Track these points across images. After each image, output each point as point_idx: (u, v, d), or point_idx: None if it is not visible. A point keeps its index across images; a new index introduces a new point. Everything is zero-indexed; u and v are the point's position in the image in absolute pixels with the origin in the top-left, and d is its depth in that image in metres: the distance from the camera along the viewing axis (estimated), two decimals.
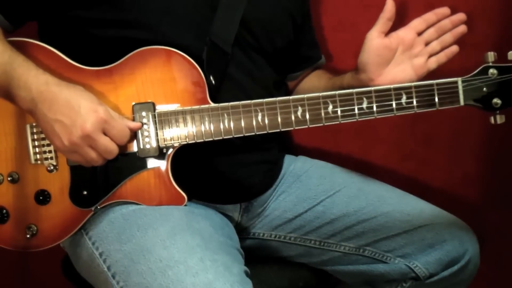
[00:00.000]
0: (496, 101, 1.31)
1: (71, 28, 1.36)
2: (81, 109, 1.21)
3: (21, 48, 1.28)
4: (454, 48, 1.42)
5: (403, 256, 1.50)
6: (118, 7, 1.32)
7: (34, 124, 1.31)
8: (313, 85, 1.68)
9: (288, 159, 1.66)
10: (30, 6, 1.35)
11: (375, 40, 1.39)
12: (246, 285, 1.20)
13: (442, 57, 1.42)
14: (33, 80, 1.22)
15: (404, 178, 1.90)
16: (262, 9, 1.45)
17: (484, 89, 1.31)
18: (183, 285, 1.14)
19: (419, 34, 1.41)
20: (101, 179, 1.32)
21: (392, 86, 1.31)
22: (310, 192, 1.58)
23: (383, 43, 1.39)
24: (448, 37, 1.41)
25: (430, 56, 1.42)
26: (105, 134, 1.23)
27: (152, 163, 1.32)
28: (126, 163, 1.31)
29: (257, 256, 1.53)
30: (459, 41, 1.72)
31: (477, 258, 1.51)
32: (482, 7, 1.71)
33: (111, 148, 1.24)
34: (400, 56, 1.41)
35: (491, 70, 1.30)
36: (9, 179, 1.33)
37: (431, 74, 1.37)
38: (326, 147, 1.90)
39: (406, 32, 1.40)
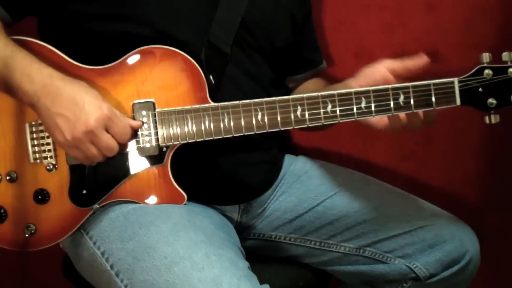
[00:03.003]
0: (491, 101, 1.31)
1: (71, 23, 1.36)
2: (86, 104, 1.21)
3: (21, 46, 1.28)
4: None
5: (403, 256, 1.50)
6: (118, 2, 1.32)
7: (33, 123, 1.31)
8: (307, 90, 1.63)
9: (288, 159, 1.66)
10: None
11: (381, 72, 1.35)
12: (253, 278, 1.20)
13: None
14: (36, 73, 1.22)
15: (404, 178, 1.90)
16: (262, 9, 1.45)
17: (480, 89, 1.31)
18: (189, 281, 1.14)
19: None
20: (100, 178, 1.32)
21: (390, 86, 1.30)
22: (311, 193, 1.57)
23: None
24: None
25: None
26: (107, 131, 1.23)
27: (152, 162, 1.32)
28: (126, 162, 1.31)
29: (257, 256, 1.52)
30: (459, 41, 1.73)
31: (478, 258, 1.51)
32: (482, 7, 1.71)
33: (112, 145, 1.24)
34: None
35: (486, 71, 1.30)
36: (7, 178, 1.32)
37: (430, 74, 1.36)
38: (326, 147, 1.90)
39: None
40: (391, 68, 1.33)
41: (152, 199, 1.34)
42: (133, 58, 1.31)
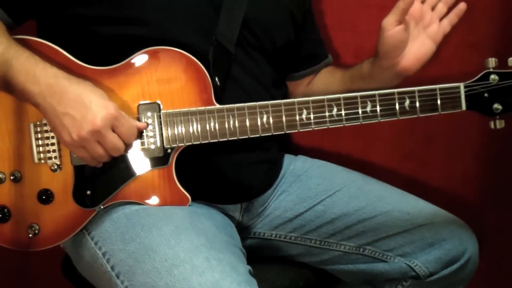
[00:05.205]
0: (497, 106, 1.32)
1: (72, 26, 1.35)
2: (92, 104, 1.21)
3: (24, 46, 1.27)
4: (462, 6, 1.39)
5: (403, 255, 1.50)
6: (118, 4, 1.32)
7: (37, 123, 1.31)
8: (327, 82, 1.66)
9: (288, 158, 1.66)
10: (31, 1, 1.35)
11: (392, 28, 1.36)
12: (253, 284, 1.20)
13: (452, 17, 1.40)
14: (42, 73, 1.22)
15: (404, 178, 1.91)
16: (262, 7, 1.46)
17: (485, 94, 1.32)
18: (189, 284, 1.15)
19: (423, 2, 1.39)
20: (105, 179, 1.32)
21: (396, 90, 1.32)
22: (311, 192, 1.58)
23: (399, 29, 1.36)
24: None
25: (440, 20, 1.40)
26: (113, 131, 1.23)
27: (156, 163, 1.32)
28: (131, 163, 1.31)
29: (258, 255, 1.52)
30: (458, 41, 1.74)
31: (477, 256, 1.52)
32: (482, 7, 1.71)
33: (119, 145, 1.24)
34: (414, 31, 1.40)
35: (492, 76, 1.31)
36: (11, 178, 1.32)
37: (434, 78, 1.37)
38: (326, 147, 1.91)
39: (413, 5, 1.36)
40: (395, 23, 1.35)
41: (156, 201, 1.34)
42: (138, 59, 1.31)
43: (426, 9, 1.39)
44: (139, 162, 1.31)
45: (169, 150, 1.32)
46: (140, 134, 1.29)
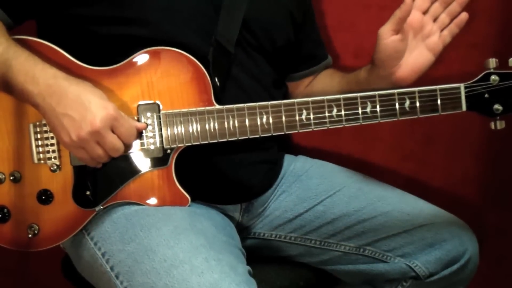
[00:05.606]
0: (497, 107, 1.32)
1: (72, 26, 1.35)
2: (91, 104, 1.21)
3: (24, 46, 1.28)
4: (463, 16, 1.37)
5: (403, 255, 1.50)
6: (118, 4, 1.32)
7: (37, 123, 1.31)
8: (325, 85, 1.66)
9: (288, 158, 1.66)
10: (31, 1, 1.35)
11: (389, 37, 1.35)
12: (252, 284, 1.20)
13: (453, 28, 1.38)
14: (41, 73, 1.22)
15: (404, 178, 1.90)
16: (262, 8, 1.46)
17: (486, 95, 1.32)
18: (188, 285, 1.15)
19: (425, 12, 1.38)
20: (104, 179, 1.32)
21: (396, 91, 1.32)
22: (310, 192, 1.58)
23: (396, 38, 1.35)
24: (455, 7, 1.37)
25: (442, 30, 1.39)
26: (112, 131, 1.23)
27: (156, 164, 1.32)
28: (130, 163, 1.31)
29: (257, 255, 1.52)
30: (458, 41, 1.73)
31: (477, 257, 1.52)
32: (482, 7, 1.71)
33: (118, 146, 1.24)
34: (413, 41, 1.39)
35: (492, 77, 1.31)
36: (11, 178, 1.32)
37: (434, 79, 1.37)
38: (326, 147, 1.91)
39: (413, 15, 1.35)
40: (391, 32, 1.35)
41: (155, 201, 1.34)
42: (138, 60, 1.31)
43: (427, 20, 1.38)
44: (138, 162, 1.31)
45: (168, 151, 1.32)
46: (139, 135, 1.29)
